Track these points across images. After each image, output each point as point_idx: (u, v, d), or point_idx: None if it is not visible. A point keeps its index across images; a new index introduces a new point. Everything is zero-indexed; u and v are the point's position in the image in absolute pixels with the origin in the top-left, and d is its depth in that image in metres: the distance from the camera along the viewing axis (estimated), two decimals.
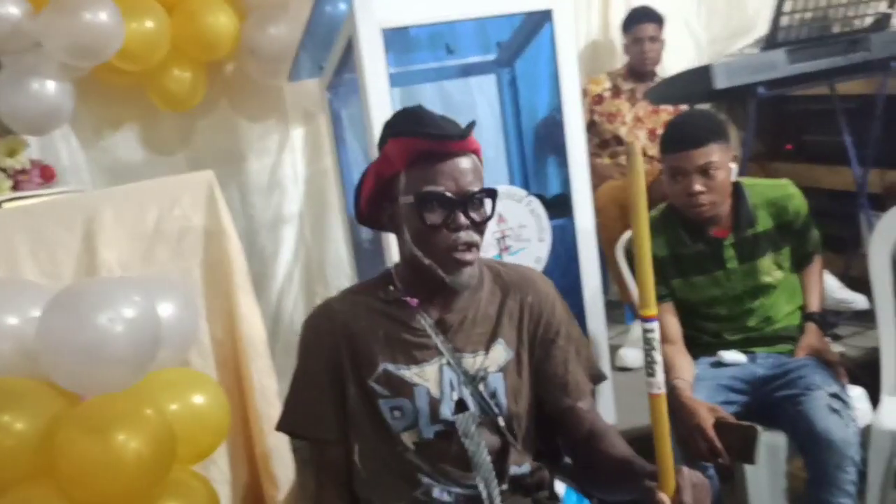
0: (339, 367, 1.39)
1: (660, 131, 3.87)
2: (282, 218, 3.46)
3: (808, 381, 1.91)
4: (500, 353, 1.41)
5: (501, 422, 1.39)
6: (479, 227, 1.34)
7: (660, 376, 1.17)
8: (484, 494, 1.33)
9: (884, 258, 2.14)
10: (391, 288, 1.43)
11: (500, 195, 2.30)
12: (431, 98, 3.06)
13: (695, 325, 2.12)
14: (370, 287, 1.47)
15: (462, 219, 1.31)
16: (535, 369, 1.44)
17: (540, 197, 2.44)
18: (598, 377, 1.55)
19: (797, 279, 2.13)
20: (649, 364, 1.17)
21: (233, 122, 3.38)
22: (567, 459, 1.52)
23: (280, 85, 3.28)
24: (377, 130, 2.11)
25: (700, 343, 2.11)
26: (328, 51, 2.49)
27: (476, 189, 1.32)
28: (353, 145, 2.81)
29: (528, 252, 2.41)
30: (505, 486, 1.36)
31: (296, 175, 3.46)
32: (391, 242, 2.16)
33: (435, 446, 1.36)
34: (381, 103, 2.14)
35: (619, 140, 3.58)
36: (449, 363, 1.38)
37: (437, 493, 1.36)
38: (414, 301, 1.41)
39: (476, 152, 1.37)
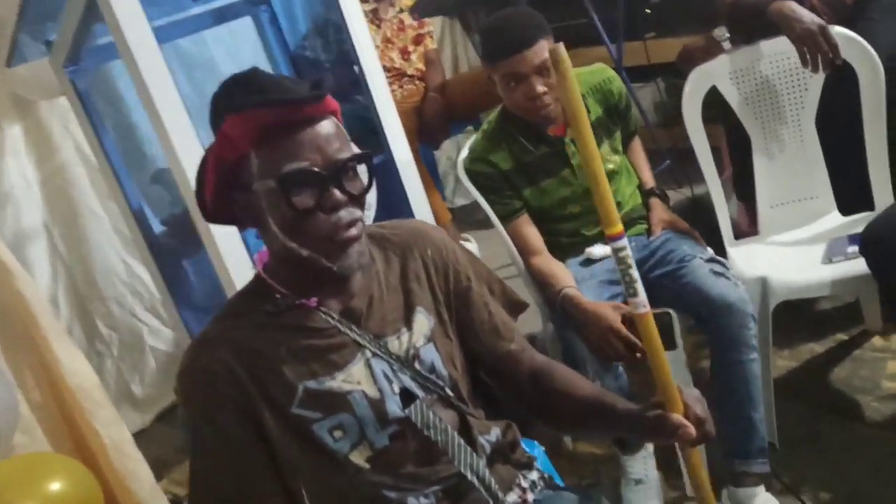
0: (249, 407, 1.13)
1: (411, 48, 3.77)
2: (23, 235, 2.87)
3: (679, 253, 1.95)
4: (423, 322, 1.24)
5: (450, 393, 1.23)
6: (359, 200, 1.13)
7: (642, 294, 1.08)
8: (472, 478, 1.16)
9: (695, 118, 2.22)
10: (277, 296, 1.18)
11: None
12: (189, 56, 2.65)
13: (551, 229, 2.07)
14: (247, 303, 1.20)
15: (338, 195, 1.09)
16: (459, 324, 1.30)
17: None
18: (518, 307, 1.44)
19: (627, 159, 2.16)
20: (629, 283, 1.07)
21: None
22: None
23: None
24: (162, 100, 1.77)
25: (560, 246, 2.07)
26: (56, 20, 2.01)
27: (346, 156, 1.10)
28: (118, 125, 2.36)
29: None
30: (483, 461, 1.20)
31: (27, 181, 2.87)
32: (215, 231, 1.84)
33: (392, 453, 1.17)
34: (153, 67, 1.77)
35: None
36: (375, 354, 1.18)
37: (411, 503, 1.17)
38: (312, 301, 1.17)
39: (335, 113, 1.15)
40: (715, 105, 2.27)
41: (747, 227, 2.64)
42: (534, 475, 1.26)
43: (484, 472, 1.16)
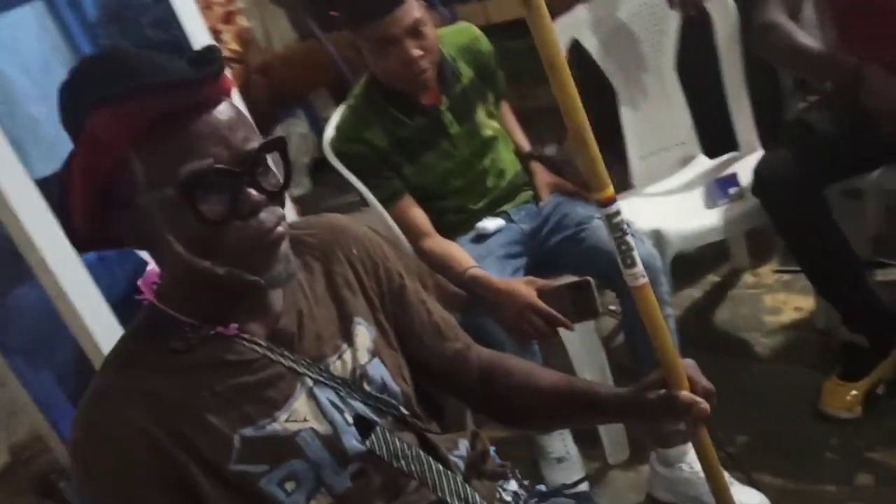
0: (177, 476, 0.89)
1: (221, 27, 3.43)
2: None
3: (575, 216, 1.86)
4: (364, 334, 1.05)
5: (405, 412, 1.05)
6: (279, 196, 0.91)
7: (640, 265, 0.95)
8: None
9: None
10: (185, 329, 0.94)
11: None
12: None
13: (435, 208, 1.90)
14: (145, 344, 0.95)
15: (255, 195, 0.87)
16: (399, 330, 1.11)
17: None
18: (455, 299, 1.28)
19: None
20: (626, 252, 0.93)
21: None
22: None
23: None
24: None
25: (448, 225, 1.90)
26: None
27: (256, 145, 0.88)
28: None
29: None
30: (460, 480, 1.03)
31: None
32: (48, 257, 1.51)
33: (355, 495, 0.97)
34: None
35: None
36: (316, 381, 0.97)
37: None
38: (231, 328, 0.94)
39: (229, 93, 0.92)
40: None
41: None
42: (512, 485, 1.11)
43: (473, 497, 0.98)
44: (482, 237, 1.89)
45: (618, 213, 0.91)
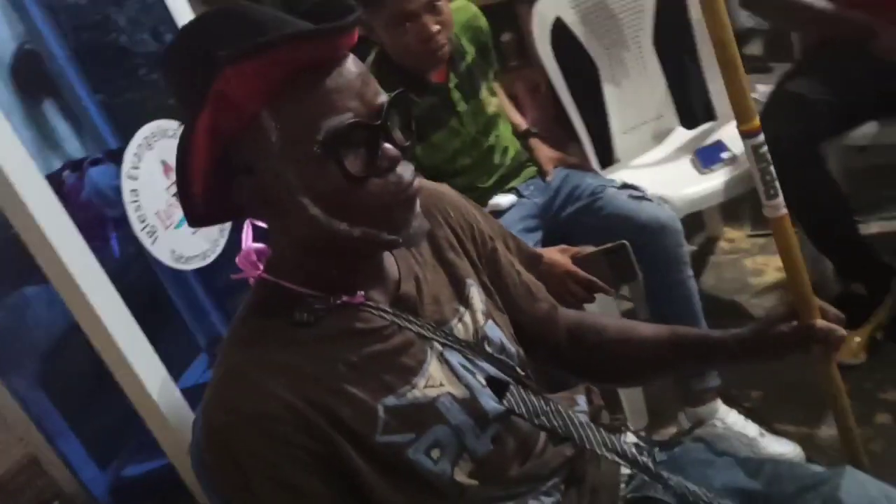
0: (332, 454, 0.84)
1: None
2: None
3: (587, 187, 1.88)
4: (476, 297, 1.03)
5: (522, 373, 1.03)
6: (407, 152, 0.88)
7: (781, 196, 0.97)
8: (614, 457, 0.97)
9: (549, 55, 2.15)
10: (309, 301, 0.89)
11: (153, 135, 1.70)
12: None
13: None
14: (269, 319, 0.89)
15: (392, 150, 0.83)
16: (497, 291, 1.09)
17: None
18: (536, 260, 1.28)
19: None
20: (769, 183, 0.95)
21: None
22: None
23: None
24: None
25: None
26: None
27: (385, 99, 0.85)
28: None
29: None
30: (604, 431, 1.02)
31: None
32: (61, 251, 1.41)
33: (495, 458, 0.94)
34: None
35: None
36: (445, 345, 0.94)
37: None
38: (358, 296, 0.90)
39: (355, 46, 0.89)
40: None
41: None
42: (631, 437, 1.10)
43: (621, 446, 0.97)
44: (497, 214, 1.88)
45: (763, 143, 0.93)
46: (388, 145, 0.83)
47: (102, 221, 1.66)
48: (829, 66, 1.92)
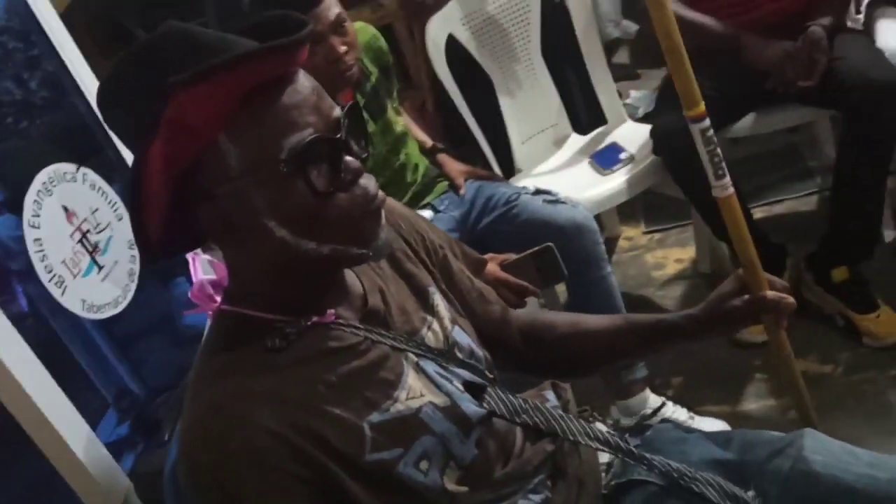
0: (324, 480, 0.82)
1: None
2: None
3: (500, 196, 1.92)
4: (441, 304, 1.03)
5: (490, 375, 1.03)
6: (365, 162, 0.87)
7: (728, 176, 1.02)
8: (597, 445, 0.99)
9: (446, 71, 2.18)
10: (278, 326, 0.86)
11: (50, 180, 1.61)
12: None
13: None
14: (237, 350, 0.86)
15: (354, 162, 0.83)
16: (454, 298, 1.10)
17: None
18: (481, 265, 1.30)
19: None
20: (717, 164, 1.00)
21: None
22: None
23: None
24: None
25: None
26: None
27: (339, 111, 0.84)
28: None
29: (117, 238, 1.74)
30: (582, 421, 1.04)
31: None
32: None
33: (480, 462, 0.94)
34: None
35: None
36: (419, 354, 0.94)
37: None
38: (329, 315, 0.89)
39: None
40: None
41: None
42: (601, 427, 1.12)
43: (603, 435, 0.99)
44: None
45: (709, 127, 0.97)
46: (349, 158, 0.83)
47: (6, 275, 1.54)
48: (708, 63, 2.04)
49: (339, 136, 0.82)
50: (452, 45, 2.20)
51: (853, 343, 1.97)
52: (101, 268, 1.66)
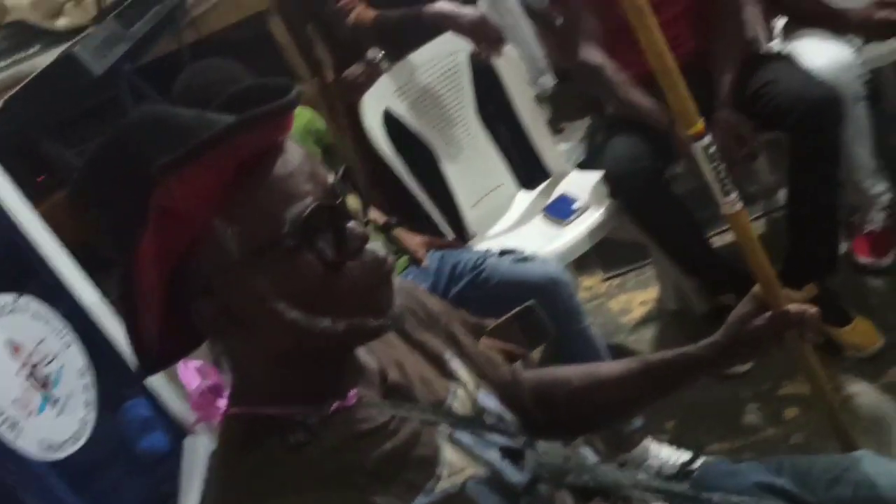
0: None
1: None
2: None
3: (466, 262, 1.88)
4: (461, 369, 0.97)
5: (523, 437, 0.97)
6: (367, 226, 0.82)
7: (735, 192, 0.99)
8: (652, 496, 0.92)
9: (386, 148, 2.14)
10: (297, 419, 0.78)
11: None
12: None
13: None
14: (257, 452, 0.77)
15: (358, 227, 0.77)
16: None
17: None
18: (480, 329, 1.24)
19: None
20: (723, 181, 0.97)
21: None
22: None
23: None
24: None
25: None
26: None
27: (334, 178, 0.78)
28: None
29: (69, 368, 1.60)
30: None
31: None
32: None
33: None
34: None
35: None
36: (452, 424, 0.87)
37: None
38: (350, 397, 0.81)
39: None
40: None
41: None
42: (644, 475, 1.06)
43: (654, 483, 0.92)
44: None
45: (711, 143, 0.94)
46: (353, 223, 0.76)
47: None
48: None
49: (339, 201, 0.75)
50: (387, 119, 2.16)
51: (836, 358, 1.96)
52: (55, 402, 1.52)
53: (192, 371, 0.89)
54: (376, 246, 0.78)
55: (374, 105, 2.14)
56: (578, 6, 2.02)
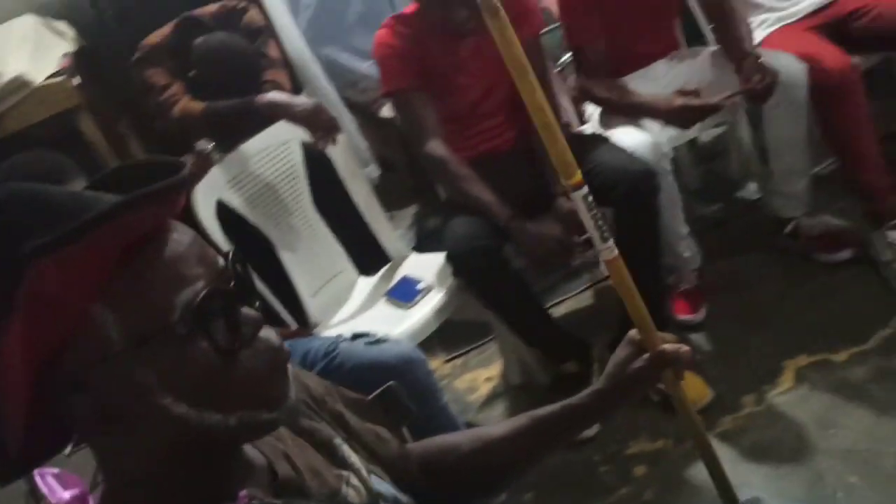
0: None
1: None
2: None
3: (317, 350, 1.82)
4: (351, 455, 0.93)
5: None
6: (260, 310, 0.78)
7: (611, 239, 1.04)
8: None
9: (222, 241, 2.07)
10: None
11: None
12: None
13: None
14: None
15: (253, 313, 0.73)
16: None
17: None
18: (361, 403, 1.20)
19: None
20: (601, 227, 1.02)
21: None
22: None
23: None
24: None
25: None
26: None
27: (224, 260, 0.74)
28: None
29: None
30: None
31: None
32: None
33: None
34: None
35: None
36: None
37: None
38: (241, 498, 0.75)
39: None
40: None
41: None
42: None
43: None
44: None
45: (588, 193, 0.99)
46: (247, 309, 0.72)
47: None
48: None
49: (232, 284, 0.71)
50: (223, 209, 2.10)
51: (672, 414, 2.06)
52: None
53: (51, 480, 0.78)
54: (269, 333, 0.74)
55: (206, 197, 2.07)
56: (416, 105, 2.10)
